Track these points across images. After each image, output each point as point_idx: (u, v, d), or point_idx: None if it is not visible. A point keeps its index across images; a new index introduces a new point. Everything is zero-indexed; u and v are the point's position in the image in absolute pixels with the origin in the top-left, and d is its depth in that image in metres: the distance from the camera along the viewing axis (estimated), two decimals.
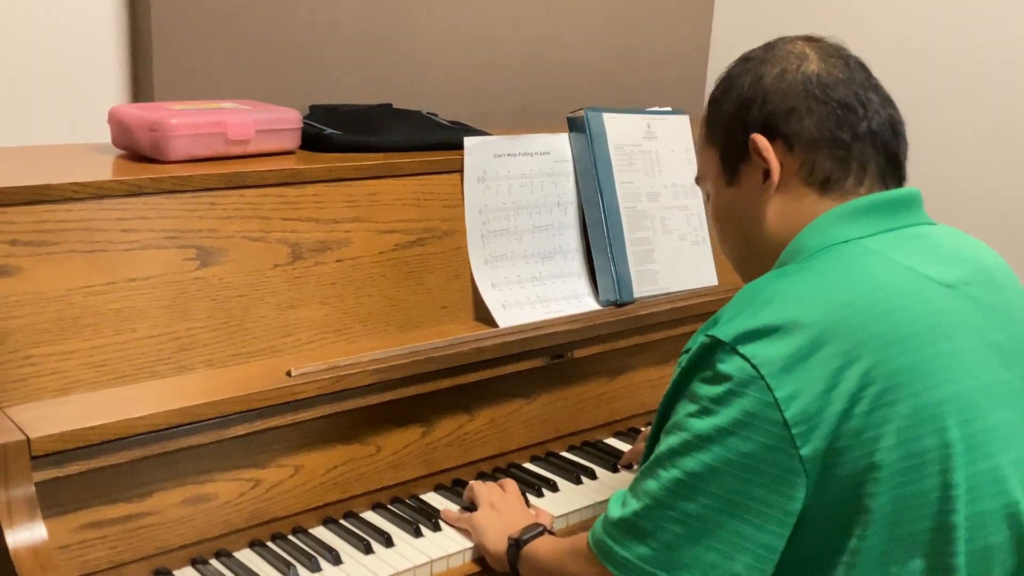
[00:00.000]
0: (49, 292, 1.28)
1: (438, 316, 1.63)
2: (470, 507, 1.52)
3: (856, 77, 1.18)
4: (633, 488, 1.14)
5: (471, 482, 1.55)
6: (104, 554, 1.27)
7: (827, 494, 1.04)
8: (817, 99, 1.15)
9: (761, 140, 1.17)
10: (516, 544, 1.36)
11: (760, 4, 2.62)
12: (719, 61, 2.68)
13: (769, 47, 1.22)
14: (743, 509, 1.04)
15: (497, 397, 1.65)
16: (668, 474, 1.08)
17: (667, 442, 1.10)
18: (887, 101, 1.19)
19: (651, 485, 1.10)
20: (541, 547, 1.34)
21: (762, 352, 1.03)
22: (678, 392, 1.12)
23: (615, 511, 1.14)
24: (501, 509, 1.46)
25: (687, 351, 1.12)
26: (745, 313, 1.07)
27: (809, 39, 1.21)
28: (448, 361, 1.52)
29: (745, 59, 1.23)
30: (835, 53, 1.20)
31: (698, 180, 1.31)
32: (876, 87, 1.19)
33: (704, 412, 1.06)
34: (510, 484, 1.54)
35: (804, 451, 1.02)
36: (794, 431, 1.02)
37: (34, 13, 1.79)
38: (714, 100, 1.25)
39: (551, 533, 1.39)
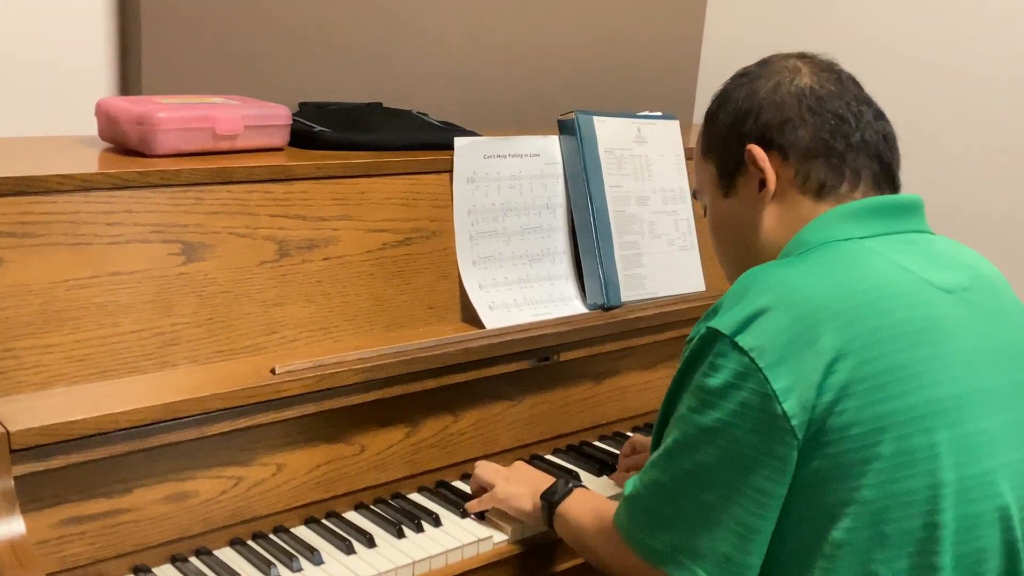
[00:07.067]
0: (32, 285, 1.26)
1: (425, 316, 1.62)
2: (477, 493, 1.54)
3: (849, 90, 1.22)
4: (644, 478, 1.17)
5: (477, 463, 1.56)
6: (83, 550, 1.26)
7: (814, 484, 1.05)
8: (811, 110, 1.19)
9: (757, 150, 1.20)
10: (549, 505, 1.39)
11: (751, 12, 2.62)
12: (710, 67, 2.69)
13: (763, 63, 1.26)
14: (749, 500, 1.06)
15: (483, 399, 1.64)
16: (677, 466, 1.12)
17: (673, 435, 1.13)
18: (879, 114, 1.23)
19: (662, 476, 1.14)
20: (571, 511, 1.37)
21: (759, 342, 1.05)
22: (682, 384, 1.15)
23: (631, 494, 1.19)
24: (517, 479, 1.49)
25: (690, 341, 1.15)
26: (744, 300, 1.09)
27: (802, 56, 1.25)
28: (434, 362, 1.51)
29: (740, 75, 1.27)
30: (828, 68, 1.23)
31: (695, 194, 1.35)
32: (868, 101, 1.23)
33: (706, 405, 1.09)
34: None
35: (802, 442, 1.04)
36: (793, 423, 1.04)
37: (22, 4, 1.78)
38: (710, 115, 1.28)
39: (575, 486, 1.42)
